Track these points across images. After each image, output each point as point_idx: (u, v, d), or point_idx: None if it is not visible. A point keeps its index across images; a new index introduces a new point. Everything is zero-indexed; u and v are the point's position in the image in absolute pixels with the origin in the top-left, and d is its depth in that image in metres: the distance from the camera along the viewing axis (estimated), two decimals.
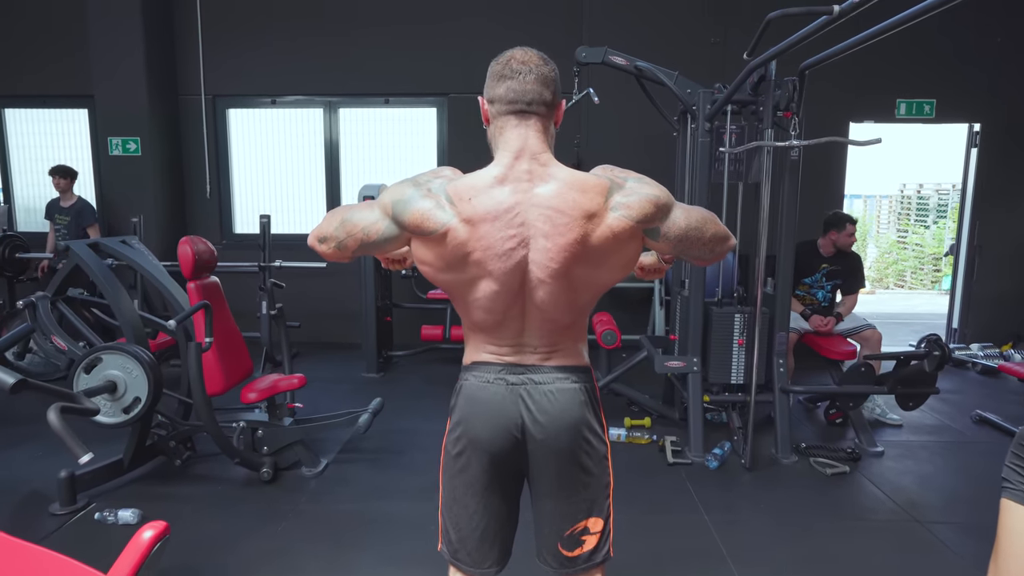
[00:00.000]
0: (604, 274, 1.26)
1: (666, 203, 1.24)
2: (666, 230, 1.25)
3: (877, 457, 3.39)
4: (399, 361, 5.26)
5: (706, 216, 1.29)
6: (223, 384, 3.01)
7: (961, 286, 5.62)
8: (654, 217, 1.23)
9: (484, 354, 1.35)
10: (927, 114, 5.32)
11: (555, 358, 1.32)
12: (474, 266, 1.22)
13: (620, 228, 1.21)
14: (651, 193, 1.23)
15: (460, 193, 1.20)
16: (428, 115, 5.73)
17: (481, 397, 1.32)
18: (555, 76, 1.28)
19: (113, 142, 5.37)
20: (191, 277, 2.99)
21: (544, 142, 1.25)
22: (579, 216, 1.19)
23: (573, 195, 1.19)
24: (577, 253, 1.20)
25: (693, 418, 3.40)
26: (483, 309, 1.28)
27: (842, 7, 1.87)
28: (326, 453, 3.36)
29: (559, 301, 1.26)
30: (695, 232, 1.27)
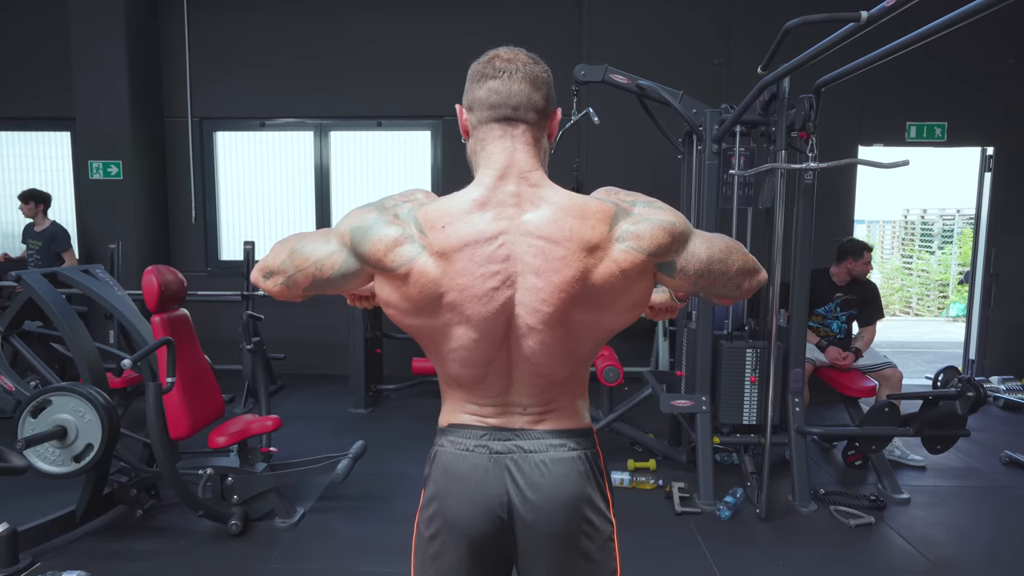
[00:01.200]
0: (608, 319, 1.03)
1: (683, 231, 1.02)
2: (683, 264, 1.03)
3: (903, 505, 3.11)
4: (389, 395, 4.99)
5: (731, 245, 1.08)
6: (189, 427, 2.75)
7: (977, 315, 5.38)
8: (669, 249, 1.01)
9: (463, 415, 1.11)
10: (938, 137, 5.14)
11: (549, 420, 1.08)
12: (448, 310, 0.99)
13: (628, 263, 0.99)
14: (665, 220, 1.01)
15: (432, 220, 0.99)
16: (422, 139, 5.55)
17: (459, 469, 1.08)
18: (548, 78, 1.07)
19: (94, 166, 5.17)
20: (156, 310, 2.75)
21: (535, 157, 1.04)
22: (578, 249, 0.97)
23: (570, 223, 0.98)
24: (575, 294, 0.98)
25: (702, 462, 3.13)
26: (460, 361, 1.05)
27: (871, 13, 1.67)
28: (303, 501, 3.08)
29: (553, 353, 1.02)
30: (719, 265, 1.05)
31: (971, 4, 1.75)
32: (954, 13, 1.87)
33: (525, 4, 5.27)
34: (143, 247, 5.29)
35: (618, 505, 1.15)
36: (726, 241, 1.09)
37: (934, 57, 4.82)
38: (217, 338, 4.98)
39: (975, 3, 1.72)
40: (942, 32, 1.97)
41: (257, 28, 5.42)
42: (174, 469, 2.56)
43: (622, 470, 3.39)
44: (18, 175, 5.74)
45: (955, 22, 1.88)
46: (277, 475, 2.90)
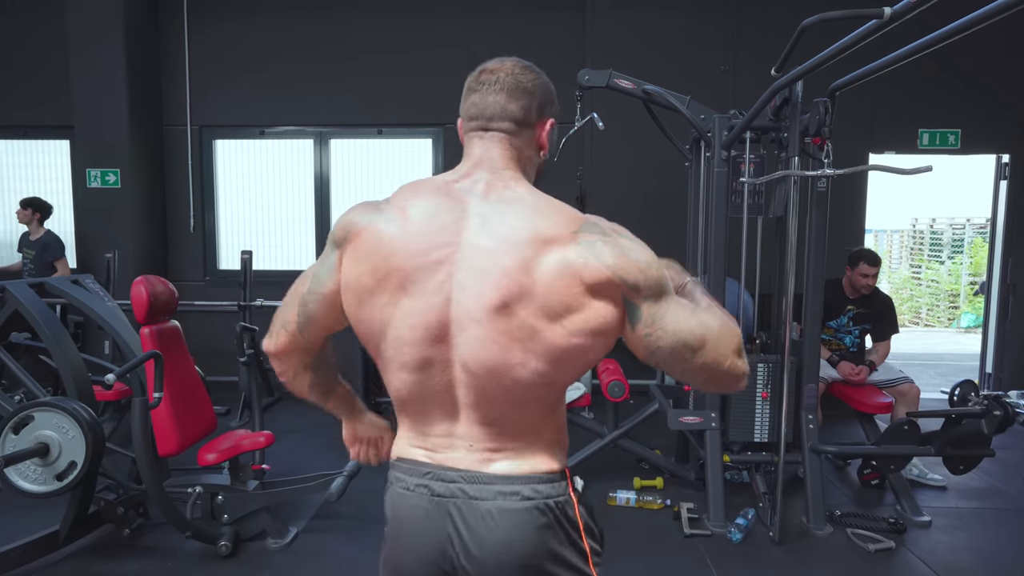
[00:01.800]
0: (559, 333, 0.88)
1: (656, 279, 0.90)
2: (645, 321, 0.90)
3: (924, 528, 2.97)
4: (387, 407, 4.86)
5: (716, 330, 0.91)
6: (178, 443, 2.64)
7: (994, 327, 5.24)
8: (635, 287, 0.89)
9: (408, 446, 1.01)
10: (952, 144, 5.02)
11: (501, 461, 0.95)
12: (394, 278, 0.91)
13: (586, 270, 0.87)
14: (640, 256, 0.90)
15: (399, 192, 0.99)
16: (423, 146, 5.47)
17: (400, 511, 0.99)
18: (535, 87, 1.01)
19: (92, 174, 5.11)
20: (145, 321, 2.66)
21: (511, 160, 1.00)
22: (533, 238, 0.89)
23: (533, 216, 0.92)
24: (522, 285, 0.87)
25: (712, 482, 3.00)
26: (399, 362, 0.94)
27: (895, 9, 1.57)
28: (296, 520, 2.97)
29: (497, 357, 0.89)
30: (683, 350, 0.90)
31: (994, 4, 1.65)
32: (979, 12, 1.76)
33: (528, 11, 5.20)
34: (140, 256, 5.20)
35: (624, 526, 1.04)
36: (712, 322, 0.91)
37: (947, 63, 4.71)
38: (215, 349, 4.88)
39: (998, 3, 1.62)
40: (966, 32, 1.87)
41: (257, 35, 5.36)
42: (160, 488, 2.46)
43: (628, 489, 3.26)
44: (18, 184, 5.68)
45: (981, 21, 1.78)
46: (269, 493, 2.78)
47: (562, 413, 1.01)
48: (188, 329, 5.42)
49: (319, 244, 5.59)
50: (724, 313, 0.96)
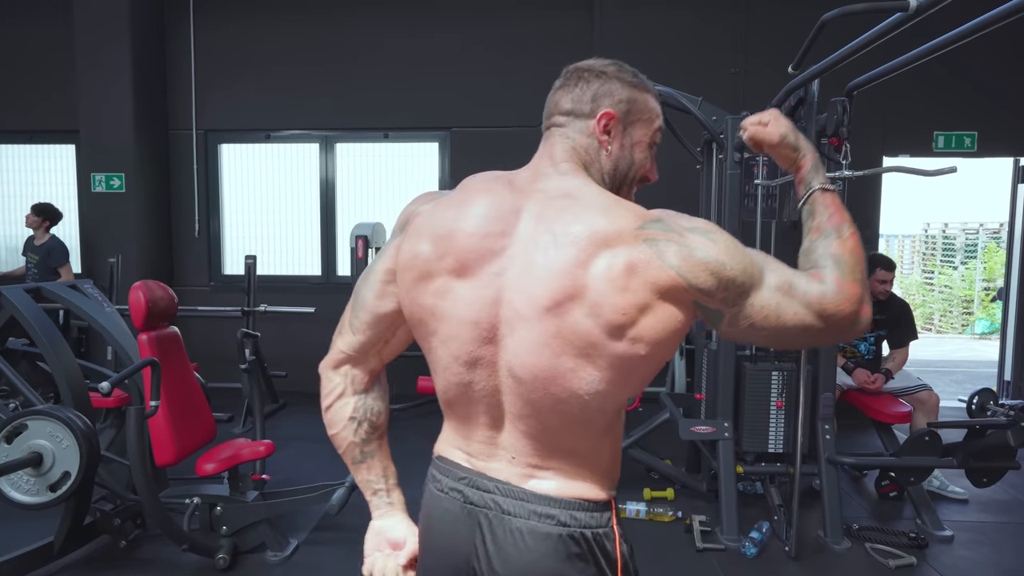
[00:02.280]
0: (618, 340, 0.80)
1: (731, 279, 0.80)
2: (728, 322, 0.83)
3: (946, 543, 2.86)
4: (395, 415, 4.80)
5: (822, 301, 0.82)
6: (175, 452, 2.58)
7: (1012, 334, 5.11)
8: (707, 291, 0.80)
9: (450, 447, 0.97)
10: (968, 147, 4.91)
11: (544, 479, 0.89)
12: (449, 259, 0.87)
13: (647, 272, 0.79)
14: (711, 255, 0.79)
15: (463, 182, 0.96)
16: (430, 150, 5.41)
17: (432, 512, 0.96)
18: (591, 76, 0.94)
19: (96, 178, 5.08)
20: (143, 328, 2.60)
21: (570, 153, 0.93)
22: (588, 234, 0.81)
23: (589, 211, 0.84)
24: (576, 286, 0.80)
25: (725, 494, 2.90)
26: (447, 359, 0.89)
27: (920, 2, 1.49)
28: (297, 532, 2.89)
29: (547, 362, 0.82)
30: (787, 336, 0.84)
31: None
32: (1000, 9, 1.68)
33: (535, 11, 5.14)
34: (145, 261, 5.17)
35: (634, 539, 0.96)
36: (813, 303, 0.82)
37: (962, 65, 4.62)
38: (219, 355, 4.84)
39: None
40: (990, 28, 1.79)
41: (262, 39, 5.33)
42: (156, 499, 2.39)
43: (638, 500, 3.18)
44: (24, 188, 5.67)
45: (1002, 18, 1.70)
46: (269, 504, 2.71)
47: (617, 437, 0.93)
48: (192, 335, 5.45)
49: (325, 249, 5.55)
50: (837, 260, 0.85)
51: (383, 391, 1.09)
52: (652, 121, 0.96)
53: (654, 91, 0.97)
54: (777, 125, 0.99)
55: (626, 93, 0.93)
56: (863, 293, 0.84)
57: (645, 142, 0.95)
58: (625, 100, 0.93)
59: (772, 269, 0.83)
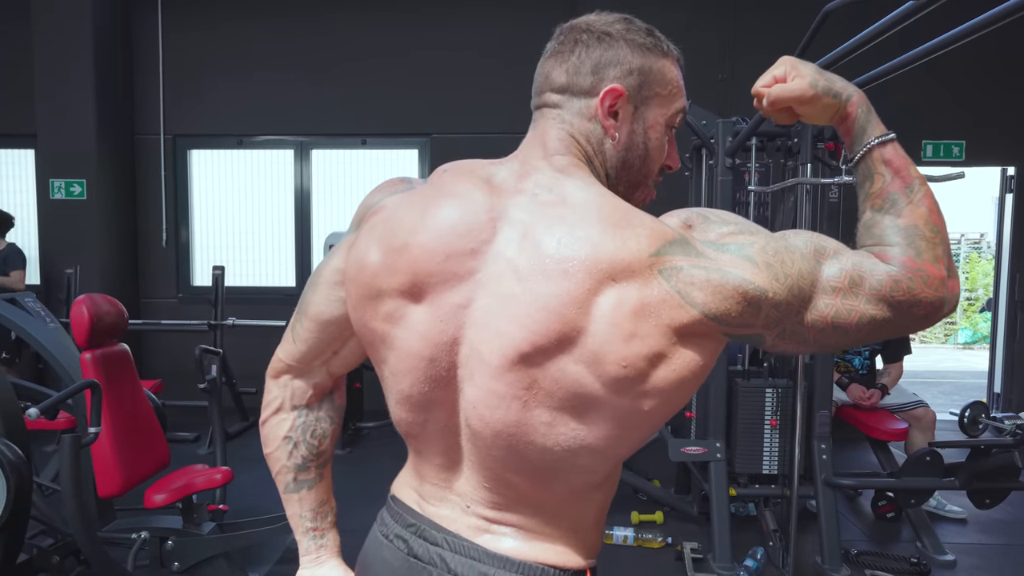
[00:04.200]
0: (622, 396, 0.64)
1: (777, 301, 0.63)
2: (773, 342, 0.67)
3: (948, 568, 2.73)
4: (370, 433, 4.59)
5: (892, 293, 0.65)
6: (121, 482, 2.36)
7: (1002, 345, 5.03)
8: (744, 322, 0.64)
9: (405, 486, 0.82)
10: (956, 156, 4.84)
11: (501, 535, 0.72)
12: (401, 278, 0.70)
13: (666, 313, 0.62)
14: (747, 278, 0.62)
15: (437, 171, 0.78)
16: (409, 157, 5.23)
17: (370, 563, 0.80)
18: (590, 39, 0.73)
19: (55, 185, 4.83)
20: (87, 345, 2.38)
21: (567, 143, 0.72)
22: (588, 260, 0.62)
23: (591, 227, 0.65)
24: (566, 329, 0.62)
25: (717, 519, 2.74)
26: (396, 395, 0.75)
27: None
28: (258, 565, 2.68)
29: (512, 420, 0.66)
30: (852, 336, 0.67)
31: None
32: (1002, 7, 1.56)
33: (516, 16, 5.00)
34: (108, 272, 4.92)
35: (621, 567, 0.80)
36: (884, 296, 0.65)
37: (951, 74, 4.56)
38: (187, 371, 4.59)
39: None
40: (997, 24, 1.66)
41: (234, 41, 5.14)
42: (91, 534, 2.17)
43: (625, 525, 3.00)
44: None
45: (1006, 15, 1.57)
46: (227, 537, 2.50)
47: (606, 495, 0.76)
48: (159, 349, 5.21)
49: (299, 259, 5.34)
50: (910, 236, 0.67)
51: (334, 411, 0.91)
52: (672, 97, 0.74)
53: (676, 55, 0.75)
54: (801, 73, 0.73)
55: (638, 60, 0.72)
56: (946, 271, 0.67)
57: (662, 124, 0.74)
58: (637, 70, 0.72)
59: (827, 265, 0.65)
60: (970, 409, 3.56)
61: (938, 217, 0.69)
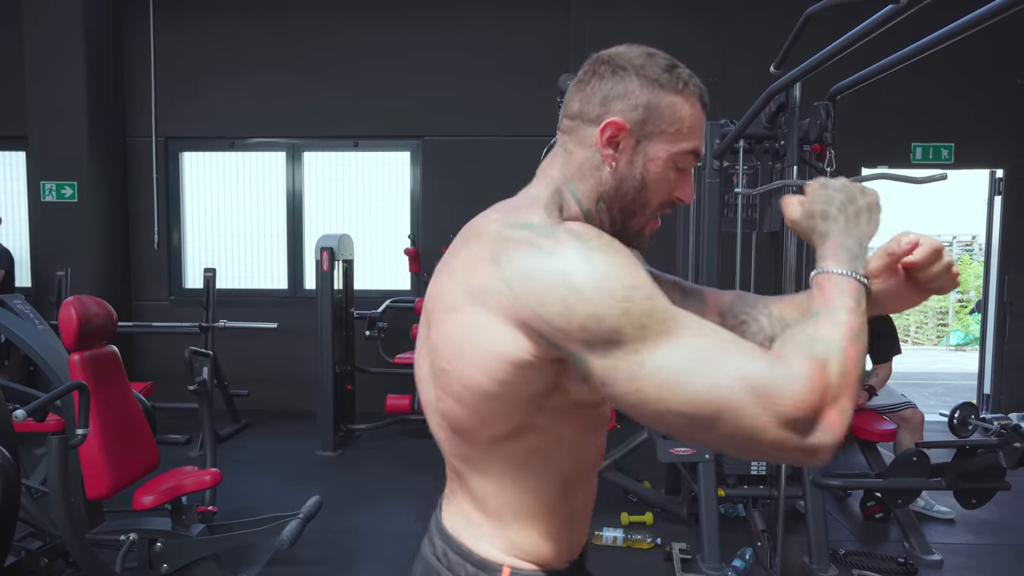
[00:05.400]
0: (460, 370, 0.73)
1: (600, 319, 0.63)
2: (598, 378, 0.65)
3: (935, 568, 2.74)
4: (361, 435, 4.59)
5: (743, 389, 0.61)
6: (110, 484, 2.35)
7: (992, 347, 5.07)
8: (560, 328, 0.65)
9: None
10: (945, 159, 4.89)
11: (451, 513, 0.85)
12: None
13: (488, 301, 0.70)
14: (564, 285, 0.64)
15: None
16: (401, 159, 5.24)
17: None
18: (605, 71, 0.77)
19: (47, 187, 4.82)
20: (76, 347, 2.38)
21: (554, 166, 0.80)
22: (438, 298, 0.77)
23: (462, 241, 0.78)
24: (430, 312, 0.79)
25: (706, 520, 2.75)
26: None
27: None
28: (248, 566, 2.68)
29: (426, 396, 0.84)
30: (679, 423, 0.64)
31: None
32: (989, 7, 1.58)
33: (508, 19, 5.03)
34: (99, 274, 4.91)
35: (610, 568, 0.84)
36: (728, 387, 0.61)
37: (940, 76, 4.60)
38: (179, 373, 4.56)
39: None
40: (982, 25, 1.68)
41: (227, 43, 5.14)
42: (79, 536, 2.16)
43: (615, 526, 3.01)
44: None
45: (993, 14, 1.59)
46: (216, 539, 2.50)
47: (523, 491, 0.78)
48: (150, 352, 5.19)
49: (291, 262, 5.34)
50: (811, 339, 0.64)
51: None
52: (680, 136, 0.75)
53: (696, 92, 0.77)
54: (809, 201, 0.78)
55: (646, 96, 0.75)
56: (838, 395, 0.62)
57: (663, 159, 0.76)
58: (643, 105, 0.75)
59: (686, 327, 0.63)
60: (959, 410, 3.58)
61: (857, 345, 0.65)
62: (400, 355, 4.59)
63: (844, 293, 0.70)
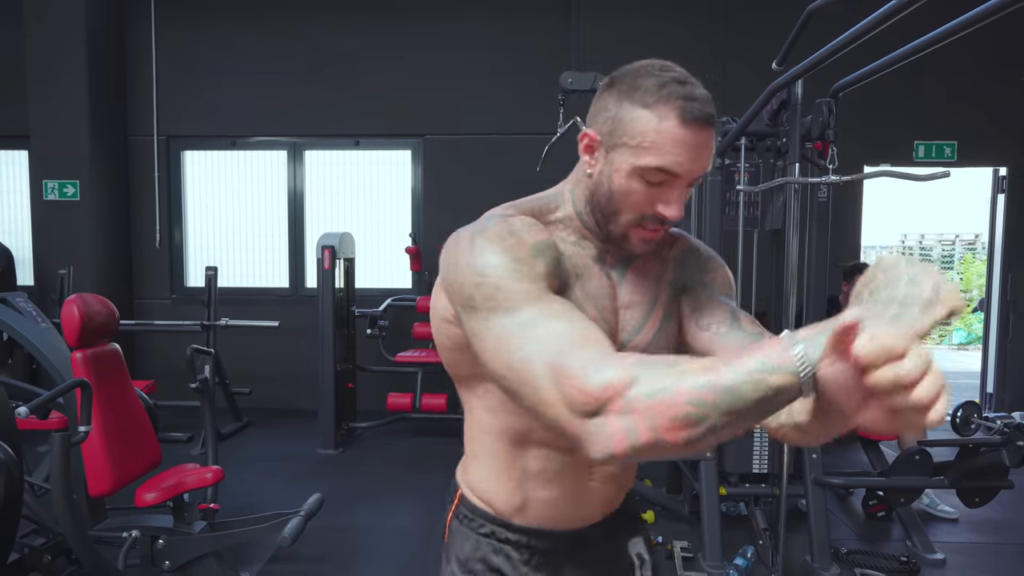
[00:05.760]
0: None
1: (448, 285, 0.82)
2: (464, 332, 0.81)
3: (938, 567, 2.73)
4: (362, 433, 4.59)
5: (540, 365, 0.69)
6: (112, 481, 2.36)
7: (994, 346, 5.05)
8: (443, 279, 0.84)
9: None
10: (948, 157, 4.87)
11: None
12: None
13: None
14: (450, 252, 0.82)
15: None
16: (402, 158, 5.24)
17: None
18: (605, 85, 0.85)
19: (48, 185, 4.83)
20: (78, 345, 2.38)
21: (574, 169, 0.91)
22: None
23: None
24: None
25: (708, 518, 2.75)
26: None
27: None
28: (250, 564, 2.68)
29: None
30: (504, 385, 0.76)
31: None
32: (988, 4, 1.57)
33: (510, 18, 5.02)
34: (101, 272, 4.91)
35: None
36: (531, 360, 0.70)
37: (942, 73, 4.59)
38: (180, 371, 4.57)
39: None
40: (985, 21, 1.67)
41: (227, 43, 5.14)
42: (82, 533, 2.16)
43: None
44: None
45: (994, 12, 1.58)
46: (217, 536, 2.49)
47: (476, 421, 0.92)
48: (152, 350, 5.20)
49: (293, 260, 5.34)
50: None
51: None
52: (640, 150, 0.77)
53: (674, 108, 0.76)
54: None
55: (615, 109, 0.80)
56: (631, 411, 0.63)
57: (625, 172, 0.79)
58: (612, 118, 0.80)
59: (534, 308, 0.74)
60: (962, 409, 3.57)
61: (692, 389, 0.61)
62: (401, 353, 4.59)
63: (762, 359, 0.61)
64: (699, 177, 0.82)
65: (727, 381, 0.61)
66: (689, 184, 0.81)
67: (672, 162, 0.77)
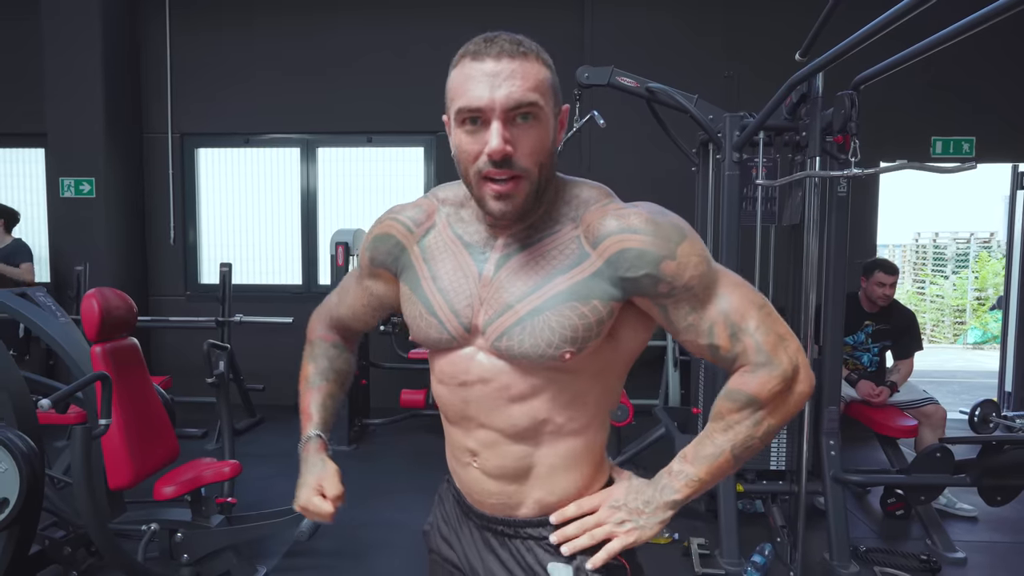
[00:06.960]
0: None
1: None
2: None
3: (959, 566, 2.70)
4: (376, 430, 4.60)
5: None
6: (132, 474, 2.37)
7: (1013, 344, 4.99)
8: None
9: None
10: (966, 153, 4.81)
11: None
12: None
13: None
14: None
15: None
16: (415, 155, 5.24)
17: None
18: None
19: (65, 183, 4.86)
20: (98, 339, 2.39)
21: None
22: None
23: None
24: None
25: (725, 515, 2.73)
26: None
27: None
28: (266, 558, 2.69)
29: None
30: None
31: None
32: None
33: (523, 13, 5.01)
34: (117, 269, 4.95)
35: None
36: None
37: (960, 68, 4.53)
38: (195, 367, 4.59)
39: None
40: (1008, 13, 1.64)
41: (241, 40, 5.16)
42: (103, 526, 2.18)
43: None
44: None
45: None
46: (235, 530, 2.51)
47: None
48: (167, 346, 5.23)
49: (306, 257, 5.36)
50: None
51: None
52: (452, 104, 0.83)
53: (463, 55, 0.82)
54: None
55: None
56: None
57: (452, 129, 0.85)
58: (446, 91, 0.88)
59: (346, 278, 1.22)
60: (981, 407, 3.53)
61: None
62: (414, 350, 4.59)
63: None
64: (516, 107, 0.77)
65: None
66: (505, 117, 0.78)
67: (471, 97, 0.79)
